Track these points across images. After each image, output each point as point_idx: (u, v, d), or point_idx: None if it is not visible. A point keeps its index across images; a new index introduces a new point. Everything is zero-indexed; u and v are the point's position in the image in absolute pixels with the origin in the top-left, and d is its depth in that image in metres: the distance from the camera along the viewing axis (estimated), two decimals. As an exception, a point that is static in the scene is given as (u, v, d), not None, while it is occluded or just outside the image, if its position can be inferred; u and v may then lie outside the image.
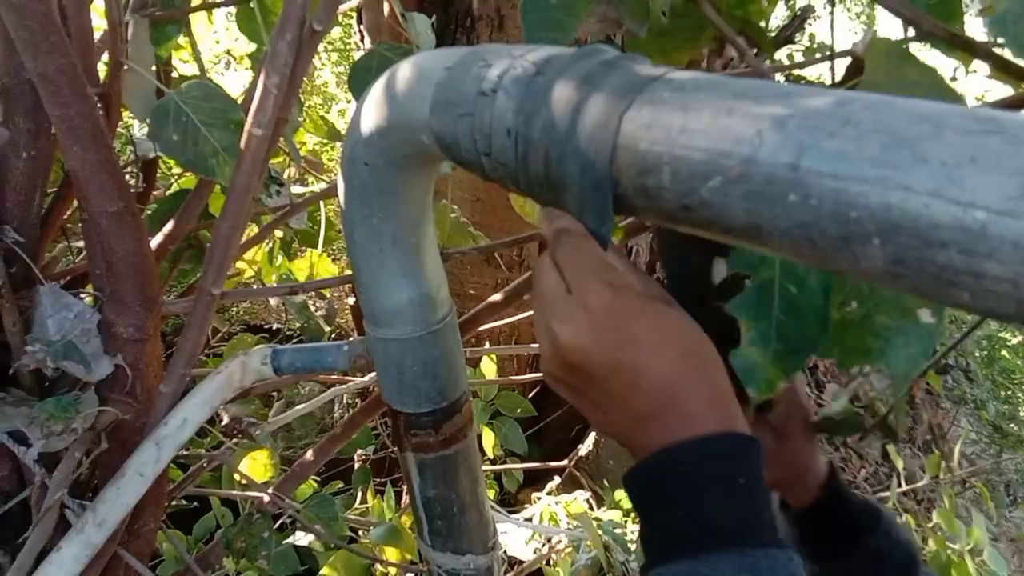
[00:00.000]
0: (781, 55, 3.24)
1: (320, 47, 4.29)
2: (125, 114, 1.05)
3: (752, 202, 0.38)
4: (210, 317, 0.81)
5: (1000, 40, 0.62)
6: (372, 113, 0.61)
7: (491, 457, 1.84)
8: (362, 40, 2.10)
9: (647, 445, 0.44)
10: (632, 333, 0.45)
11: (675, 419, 0.44)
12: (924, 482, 1.38)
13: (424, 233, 0.73)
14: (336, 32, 4.28)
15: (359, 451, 2.01)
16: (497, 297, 0.94)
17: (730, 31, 0.72)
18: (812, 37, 3.25)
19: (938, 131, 0.34)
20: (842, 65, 0.76)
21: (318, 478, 1.89)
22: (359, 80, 0.86)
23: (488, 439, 1.83)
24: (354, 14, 2.30)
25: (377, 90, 0.61)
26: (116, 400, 0.84)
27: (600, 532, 1.17)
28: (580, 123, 0.45)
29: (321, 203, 1.35)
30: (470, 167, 0.55)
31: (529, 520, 1.42)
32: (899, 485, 1.44)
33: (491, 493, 1.88)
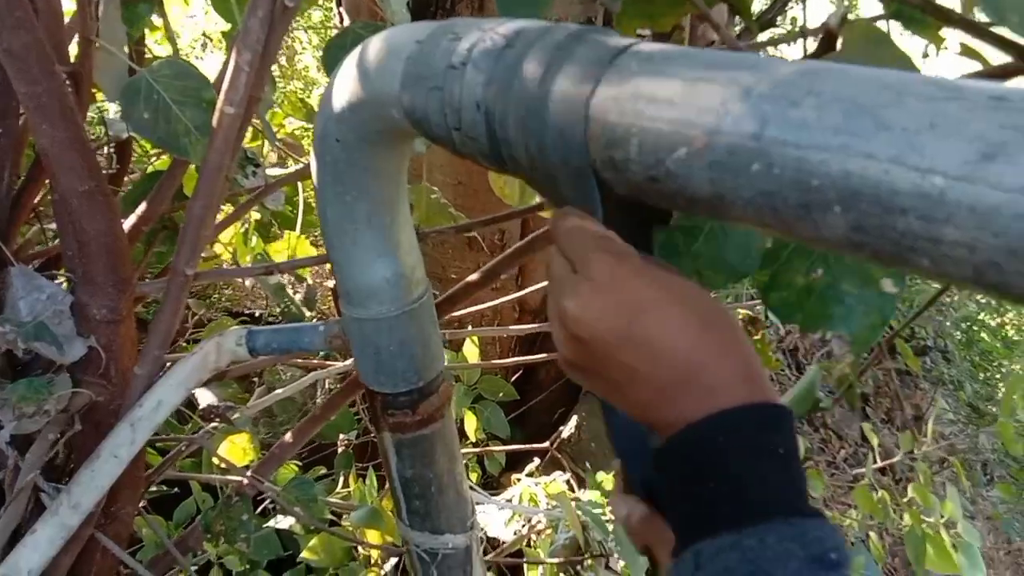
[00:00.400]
0: (763, 38, 3.24)
1: (301, 30, 4.25)
2: (99, 95, 1.04)
3: (716, 172, 0.38)
4: (183, 297, 0.81)
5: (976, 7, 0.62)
6: (343, 89, 0.61)
7: (473, 440, 1.85)
8: (341, 21, 2.09)
9: (675, 421, 0.42)
10: (639, 298, 0.43)
11: (702, 391, 0.42)
12: (898, 458, 1.39)
13: (399, 211, 0.73)
14: (317, 15, 4.24)
15: (342, 436, 2.01)
16: (474, 277, 0.94)
17: (703, 4, 0.72)
18: (794, 21, 3.25)
19: (900, 98, 0.34)
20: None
21: (300, 463, 1.89)
22: (333, 58, 0.85)
23: (470, 423, 1.83)
24: (333, -4, 2.28)
25: (348, 65, 0.61)
26: (90, 382, 0.83)
27: (578, 512, 1.18)
28: (551, 98, 0.45)
29: (299, 186, 1.34)
30: (441, 142, 0.55)
31: (509, 501, 1.42)
32: (875, 461, 1.45)
33: (473, 476, 1.88)
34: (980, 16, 0.63)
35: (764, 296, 0.58)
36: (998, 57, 0.66)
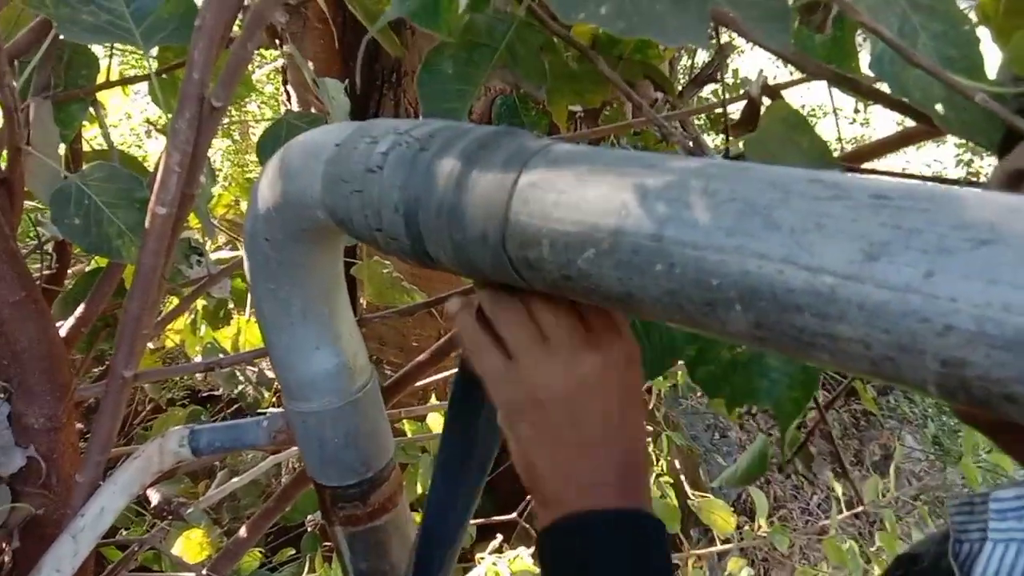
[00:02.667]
0: (706, 91, 3.32)
1: (254, 104, 4.27)
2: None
3: (623, 271, 0.39)
4: (123, 400, 0.79)
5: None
6: (268, 190, 0.61)
7: (442, 512, 1.81)
8: (288, 100, 2.11)
9: (561, 501, 0.47)
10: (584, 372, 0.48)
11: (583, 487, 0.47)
12: (863, 507, 1.40)
13: (336, 301, 0.72)
14: (270, 89, 4.28)
15: (308, 517, 1.97)
16: (422, 357, 0.93)
17: (623, 84, 0.74)
18: (735, 73, 3.35)
19: (787, 198, 0.35)
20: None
21: (264, 549, 1.84)
22: (266, 151, 0.86)
23: (438, 494, 1.80)
24: (280, 73, 2.31)
25: (272, 167, 0.61)
26: (31, 493, 0.81)
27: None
28: (468, 202, 0.46)
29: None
30: (365, 241, 0.55)
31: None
32: (840, 511, 1.46)
33: (444, 549, 1.84)
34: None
35: (691, 371, 0.59)
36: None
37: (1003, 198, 0.31)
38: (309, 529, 1.83)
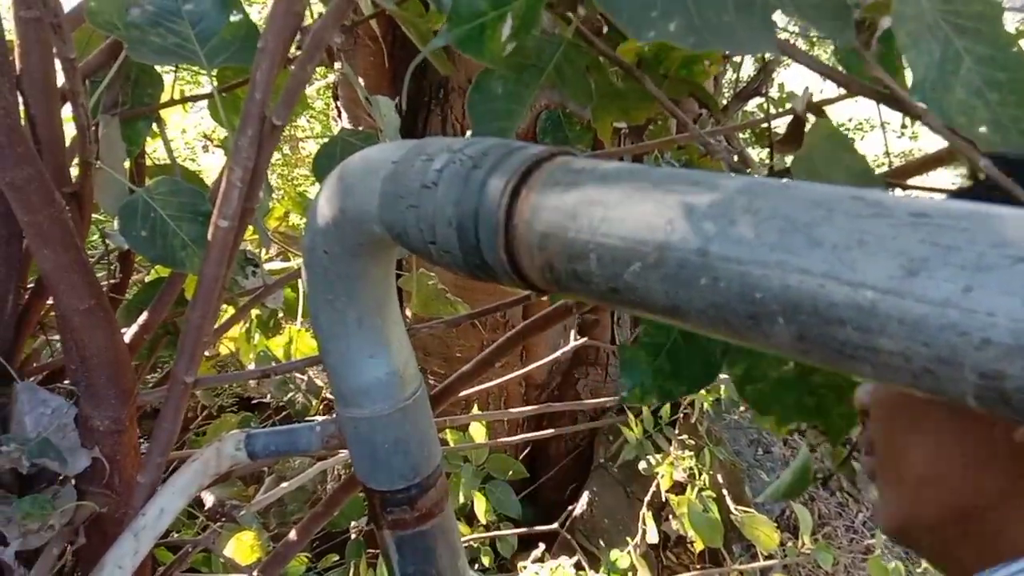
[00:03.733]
0: (751, 105, 3.31)
1: (303, 119, 4.36)
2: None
3: (669, 284, 0.41)
4: (183, 405, 0.82)
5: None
6: (327, 206, 0.64)
7: (484, 523, 1.84)
8: (339, 115, 2.16)
9: None
10: None
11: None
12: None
13: (388, 312, 0.75)
14: (320, 104, 4.37)
15: (353, 523, 2.00)
16: (467, 368, 0.95)
17: (668, 102, 0.75)
18: (781, 87, 3.33)
19: (830, 215, 0.36)
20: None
21: (310, 554, 1.88)
22: (322, 167, 0.89)
23: (480, 504, 1.82)
24: (331, 89, 2.36)
25: (331, 183, 0.64)
26: (94, 493, 0.85)
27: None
28: (517, 217, 0.48)
29: (301, 279, 1.37)
30: (419, 254, 0.58)
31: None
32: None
33: (486, 560, 1.86)
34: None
35: (739, 389, 0.60)
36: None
37: (1041, 216, 0.32)
38: (354, 535, 1.86)
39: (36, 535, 0.76)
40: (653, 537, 1.87)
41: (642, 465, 1.90)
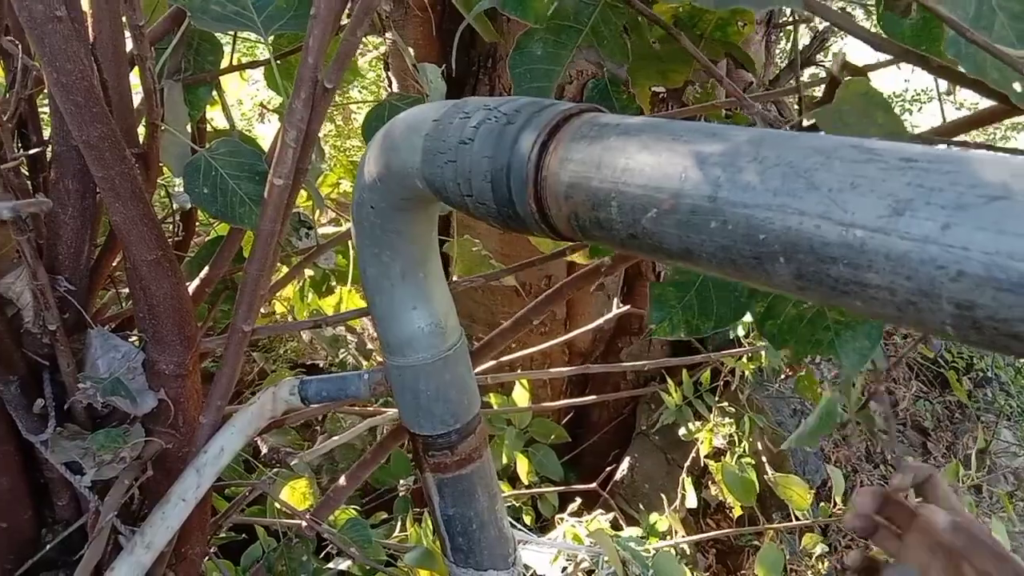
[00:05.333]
0: (806, 76, 3.27)
1: (355, 90, 4.42)
2: (166, 170, 1.14)
3: (682, 229, 0.44)
4: (242, 352, 0.88)
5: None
6: (373, 163, 0.68)
7: (527, 483, 1.89)
8: (390, 85, 2.21)
9: None
10: None
11: None
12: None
13: (430, 267, 0.79)
14: (372, 75, 4.43)
15: (400, 482, 2.07)
16: (506, 325, 1.00)
17: (705, 59, 0.78)
18: (837, 55, 3.27)
19: (828, 161, 0.39)
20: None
21: (362, 509, 1.96)
22: (371, 129, 0.94)
23: (523, 465, 1.88)
24: (382, 60, 2.41)
25: (377, 141, 0.69)
26: (160, 432, 0.91)
27: (618, 548, 1.21)
28: (546, 170, 0.52)
29: (350, 242, 1.43)
30: (457, 207, 0.62)
31: (551, 540, 1.46)
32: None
33: (528, 519, 1.92)
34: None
35: (759, 326, 0.63)
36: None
37: (1018, 161, 0.35)
38: (402, 492, 1.93)
39: (109, 466, 0.83)
40: (692, 502, 1.90)
41: (681, 431, 1.93)
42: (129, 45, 0.84)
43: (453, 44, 0.94)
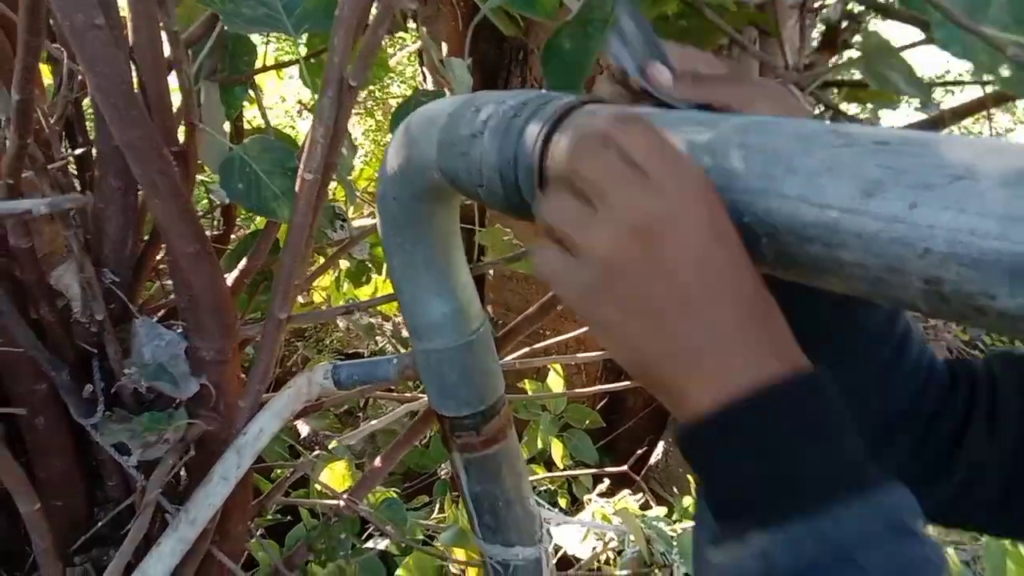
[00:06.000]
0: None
1: (395, 86, 4.48)
2: (206, 168, 1.19)
3: (674, 213, 0.46)
4: (279, 338, 0.93)
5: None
6: (394, 156, 0.72)
7: (561, 467, 1.92)
8: (424, 80, 2.24)
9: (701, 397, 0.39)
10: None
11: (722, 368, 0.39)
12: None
13: (453, 255, 0.83)
14: (410, 71, 4.48)
15: (441, 465, 2.12)
16: (531, 310, 1.02)
17: (728, 28, 0.80)
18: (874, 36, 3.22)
19: (807, 147, 0.41)
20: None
21: (403, 494, 2.01)
22: (398, 122, 0.97)
23: (557, 450, 1.91)
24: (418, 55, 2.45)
25: (398, 136, 0.72)
26: (203, 415, 0.96)
27: (643, 527, 1.23)
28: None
29: (385, 234, 1.47)
30: (471, 196, 0.65)
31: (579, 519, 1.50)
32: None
33: (563, 502, 1.95)
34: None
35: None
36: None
37: (984, 142, 0.37)
38: (443, 476, 1.98)
39: (154, 447, 0.88)
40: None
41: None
42: (167, 50, 0.88)
43: (477, 38, 0.97)
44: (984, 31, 0.53)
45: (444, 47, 2.14)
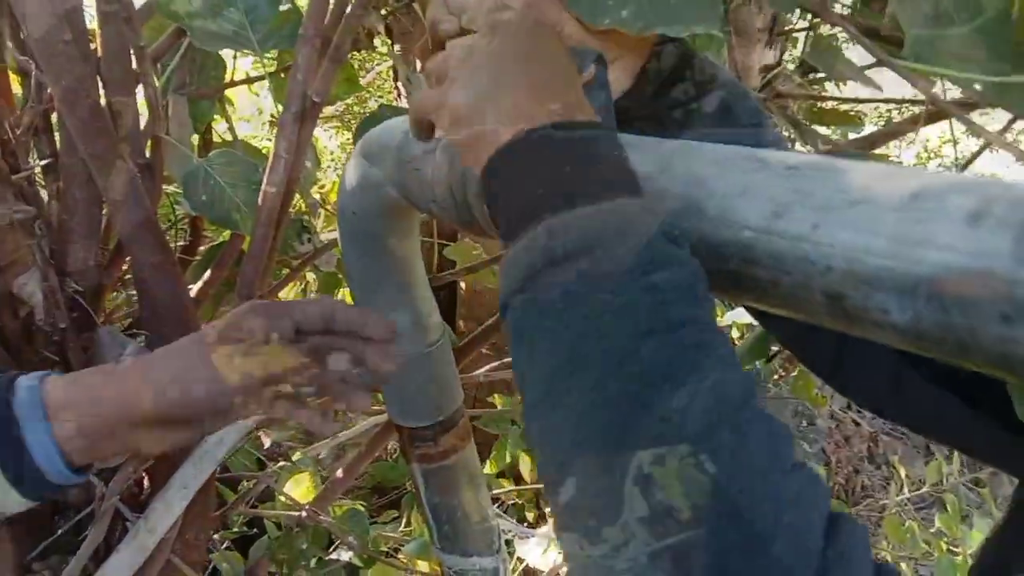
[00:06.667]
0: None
1: (372, 100, 4.49)
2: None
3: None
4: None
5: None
6: (353, 172, 0.74)
7: (530, 482, 1.93)
8: (398, 96, 2.27)
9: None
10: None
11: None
12: (924, 489, 1.41)
13: (412, 268, 0.85)
14: (387, 85, 4.51)
15: (408, 480, 2.12)
16: (490, 321, 1.05)
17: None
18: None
19: (724, 171, 0.44)
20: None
21: (370, 506, 2.01)
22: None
23: (526, 464, 1.92)
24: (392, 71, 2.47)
25: (357, 152, 0.74)
26: (165, 425, 0.97)
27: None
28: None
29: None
30: (424, 211, 0.67)
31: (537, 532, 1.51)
32: (899, 491, 1.47)
33: (530, 515, 1.96)
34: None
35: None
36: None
37: (882, 168, 0.39)
38: (411, 490, 1.98)
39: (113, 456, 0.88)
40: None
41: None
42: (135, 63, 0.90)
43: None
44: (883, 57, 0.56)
45: (419, 63, 2.17)
